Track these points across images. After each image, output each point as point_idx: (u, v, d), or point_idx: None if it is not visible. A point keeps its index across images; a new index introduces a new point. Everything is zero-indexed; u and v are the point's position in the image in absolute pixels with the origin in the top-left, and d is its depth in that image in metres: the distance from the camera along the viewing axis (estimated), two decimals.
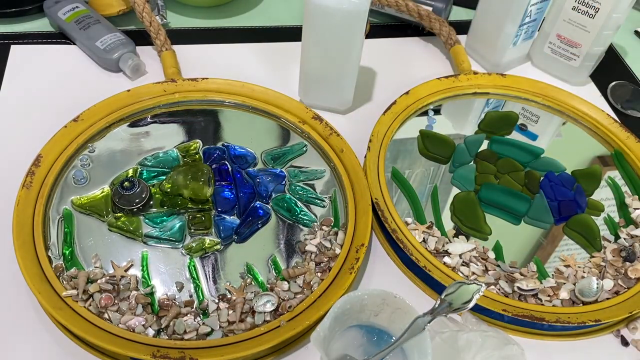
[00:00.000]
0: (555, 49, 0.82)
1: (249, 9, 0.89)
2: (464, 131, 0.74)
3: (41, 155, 0.61)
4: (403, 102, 0.73)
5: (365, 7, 0.62)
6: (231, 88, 0.71)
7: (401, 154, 0.69)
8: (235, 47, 0.82)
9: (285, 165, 0.66)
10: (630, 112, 0.82)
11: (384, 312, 0.50)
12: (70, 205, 0.59)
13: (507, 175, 0.68)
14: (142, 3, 0.76)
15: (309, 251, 0.58)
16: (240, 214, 0.61)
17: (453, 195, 0.66)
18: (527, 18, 0.77)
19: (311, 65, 0.69)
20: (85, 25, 0.76)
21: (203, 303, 0.54)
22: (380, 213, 0.60)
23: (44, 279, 0.52)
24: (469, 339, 0.52)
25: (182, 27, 0.84)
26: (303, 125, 0.69)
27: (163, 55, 0.75)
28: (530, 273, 0.59)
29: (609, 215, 0.66)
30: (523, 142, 0.73)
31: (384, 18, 0.90)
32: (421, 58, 0.85)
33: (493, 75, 0.79)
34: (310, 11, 0.63)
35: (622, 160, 0.72)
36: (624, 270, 0.60)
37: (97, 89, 0.70)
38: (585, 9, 0.75)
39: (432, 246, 0.60)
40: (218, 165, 0.65)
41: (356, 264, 0.56)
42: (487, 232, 0.63)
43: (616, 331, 0.58)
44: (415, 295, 0.59)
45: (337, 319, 0.48)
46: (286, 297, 0.54)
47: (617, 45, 0.92)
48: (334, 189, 0.64)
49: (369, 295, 0.49)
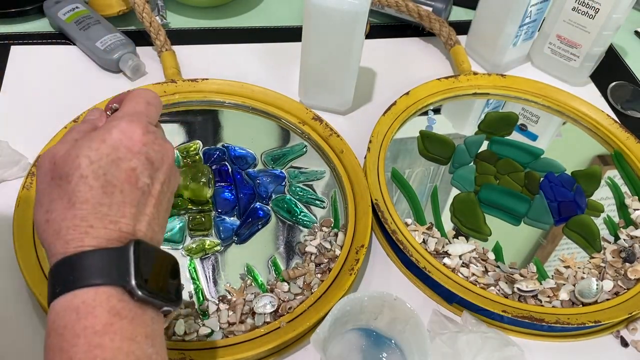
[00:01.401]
0: (555, 50, 0.82)
1: (249, 9, 0.89)
2: (464, 132, 0.74)
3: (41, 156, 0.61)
4: (403, 102, 0.73)
5: (365, 8, 0.62)
6: (231, 89, 0.71)
7: (401, 154, 0.69)
8: (235, 47, 0.82)
9: (285, 166, 0.66)
10: (630, 112, 0.82)
11: (383, 315, 0.50)
12: None
13: (507, 176, 0.68)
14: (142, 3, 0.76)
15: (309, 252, 0.58)
16: (240, 215, 0.61)
17: (453, 196, 0.66)
18: (527, 18, 0.77)
19: (311, 66, 0.69)
20: (85, 26, 0.76)
21: (203, 304, 0.54)
22: (380, 214, 0.60)
23: (45, 280, 0.52)
24: (469, 340, 0.52)
25: (182, 27, 0.84)
26: (303, 126, 0.69)
27: (163, 55, 0.75)
28: (530, 274, 0.59)
29: (608, 216, 0.66)
30: (523, 143, 0.73)
31: (384, 18, 0.90)
32: (421, 58, 0.85)
33: (493, 76, 0.79)
34: (310, 12, 0.63)
35: (621, 161, 0.72)
36: (624, 271, 0.60)
37: (97, 89, 0.70)
38: (585, 9, 0.75)
39: (432, 247, 0.60)
40: (218, 166, 0.65)
41: (356, 265, 0.56)
42: (486, 233, 0.63)
43: (616, 332, 0.58)
44: (415, 296, 0.59)
45: (336, 320, 0.48)
46: (286, 299, 0.54)
47: (617, 46, 0.92)
48: (334, 190, 0.64)
49: (369, 297, 0.49)
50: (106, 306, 0.33)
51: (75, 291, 0.33)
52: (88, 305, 0.32)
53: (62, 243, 0.34)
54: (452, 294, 0.56)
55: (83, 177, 0.35)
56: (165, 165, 0.38)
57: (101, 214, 0.35)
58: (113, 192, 0.35)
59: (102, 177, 0.35)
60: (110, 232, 0.35)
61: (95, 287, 0.33)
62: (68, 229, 0.34)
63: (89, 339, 0.32)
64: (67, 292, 0.33)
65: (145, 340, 0.33)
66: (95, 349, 0.32)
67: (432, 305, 0.58)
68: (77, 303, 0.33)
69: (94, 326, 0.32)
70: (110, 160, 0.35)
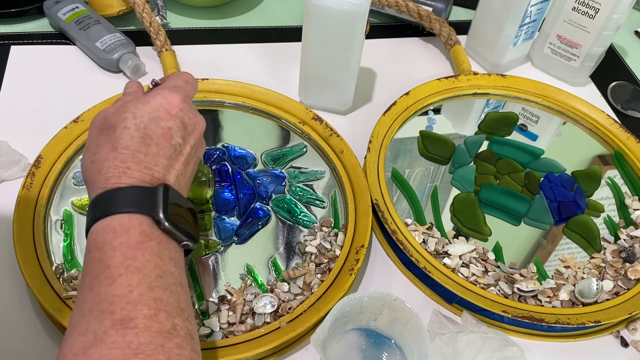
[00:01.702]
0: (556, 50, 0.82)
1: (249, 9, 0.89)
2: (464, 132, 0.74)
3: (41, 157, 0.61)
4: (403, 102, 0.73)
5: (365, 8, 0.62)
6: (231, 89, 0.71)
7: (401, 154, 0.69)
8: (235, 47, 0.82)
9: (285, 166, 0.66)
10: (630, 112, 0.82)
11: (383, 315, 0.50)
12: (71, 207, 0.59)
13: (507, 176, 0.68)
14: (142, 3, 0.76)
15: (309, 252, 0.58)
16: (240, 215, 0.61)
17: (453, 196, 0.66)
18: (527, 18, 0.77)
19: (311, 66, 0.69)
20: (85, 26, 0.76)
21: (203, 304, 0.54)
22: (381, 214, 0.60)
23: (45, 280, 0.52)
24: (469, 340, 0.52)
25: (182, 27, 0.84)
26: (303, 126, 0.69)
27: (163, 55, 0.75)
28: (530, 274, 0.59)
29: (608, 216, 0.66)
30: (523, 143, 0.73)
31: (384, 18, 0.90)
32: (421, 58, 0.85)
33: (493, 76, 0.79)
34: (310, 12, 0.63)
35: (622, 161, 0.72)
36: (624, 271, 0.60)
37: (97, 89, 0.70)
38: (585, 9, 0.75)
39: (432, 247, 0.60)
40: (218, 166, 0.65)
41: (356, 265, 0.56)
42: (487, 233, 0.63)
43: (616, 332, 0.58)
44: (415, 296, 0.59)
45: (336, 321, 0.48)
46: (286, 299, 0.54)
47: (617, 46, 0.92)
48: (334, 190, 0.64)
49: (369, 297, 0.49)
50: (139, 228, 0.39)
51: (113, 216, 0.39)
52: (123, 226, 0.39)
53: (103, 179, 0.41)
54: (452, 294, 0.56)
55: (127, 128, 0.42)
56: (196, 131, 0.46)
57: (138, 159, 0.41)
58: (150, 144, 0.42)
59: (142, 129, 0.42)
60: (144, 175, 0.41)
61: (129, 214, 0.39)
62: (109, 168, 0.41)
63: (124, 252, 0.38)
64: (106, 216, 0.39)
65: (169, 261, 0.39)
66: (129, 259, 0.37)
67: (432, 305, 0.58)
68: (114, 224, 0.39)
69: (129, 242, 0.38)
70: (150, 117, 0.43)
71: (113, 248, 0.38)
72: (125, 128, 0.42)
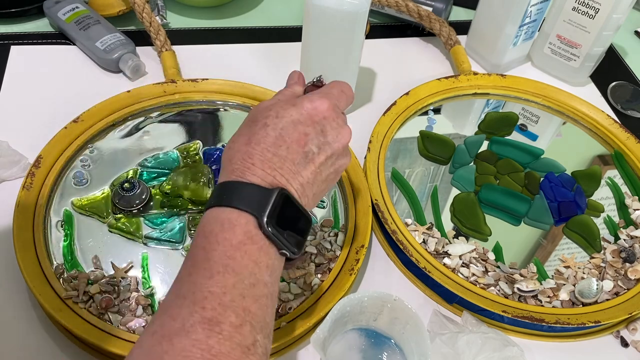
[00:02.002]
0: (556, 50, 0.82)
1: (249, 9, 0.89)
2: (464, 132, 0.74)
3: (41, 157, 0.61)
4: (403, 102, 0.73)
5: (365, 8, 0.62)
6: (231, 89, 0.71)
7: (401, 154, 0.69)
8: (235, 47, 0.82)
9: None
10: (630, 112, 0.82)
11: (383, 315, 0.50)
12: (71, 207, 0.59)
13: (507, 176, 0.68)
14: (142, 3, 0.76)
15: (309, 252, 0.58)
16: None
17: (453, 196, 0.66)
18: (527, 19, 0.77)
19: (311, 66, 0.69)
20: (85, 26, 0.76)
21: None
22: (381, 214, 0.60)
23: (45, 280, 0.52)
24: (469, 340, 0.52)
25: (182, 27, 0.84)
26: None
27: (163, 55, 0.75)
28: (530, 274, 0.59)
29: (608, 216, 0.66)
30: (523, 143, 0.73)
31: (384, 18, 0.90)
32: (421, 58, 0.85)
33: (493, 76, 0.79)
34: (310, 12, 0.63)
35: (622, 161, 0.72)
36: (624, 271, 0.60)
37: (97, 89, 0.70)
38: (585, 9, 0.75)
39: (432, 247, 0.60)
40: (218, 166, 0.65)
41: (356, 265, 0.56)
42: (487, 233, 0.63)
43: (616, 332, 0.58)
44: (415, 296, 0.59)
45: (336, 321, 0.48)
46: (286, 299, 0.54)
47: (617, 46, 0.92)
48: (334, 190, 0.64)
49: (369, 297, 0.49)
50: (244, 228, 0.39)
51: (224, 208, 0.39)
52: (231, 222, 0.39)
53: (230, 169, 0.41)
54: (452, 294, 0.56)
55: (266, 126, 0.42)
56: (337, 143, 0.45)
57: (265, 158, 0.41)
58: (281, 145, 0.42)
59: (278, 130, 0.42)
60: (266, 175, 0.41)
61: (239, 211, 0.39)
62: (237, 160, 0.41)
63: (226, 249, 0.38)
64: (218, 206, 0.40)
65: (265, 270, 0.39)
66: (228, 259, 0.38)
67: (432, 305, 0.58)
68: (223, 217, 0.39)
69: (231, 240, 0.38)
70: (292, 120, 0.43)
71: (217, 242, 0.38)
72: (265, 125, 0.42)
